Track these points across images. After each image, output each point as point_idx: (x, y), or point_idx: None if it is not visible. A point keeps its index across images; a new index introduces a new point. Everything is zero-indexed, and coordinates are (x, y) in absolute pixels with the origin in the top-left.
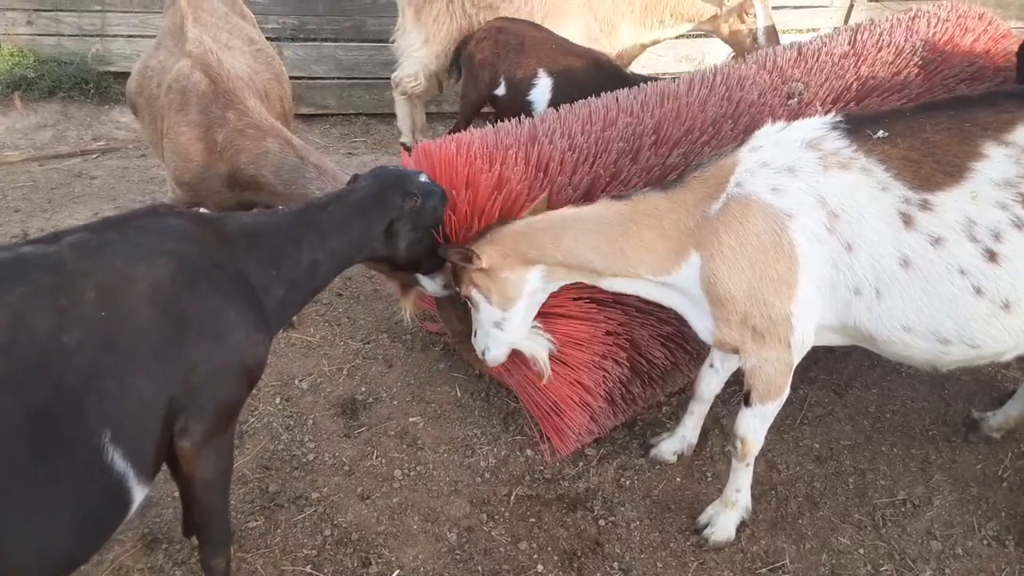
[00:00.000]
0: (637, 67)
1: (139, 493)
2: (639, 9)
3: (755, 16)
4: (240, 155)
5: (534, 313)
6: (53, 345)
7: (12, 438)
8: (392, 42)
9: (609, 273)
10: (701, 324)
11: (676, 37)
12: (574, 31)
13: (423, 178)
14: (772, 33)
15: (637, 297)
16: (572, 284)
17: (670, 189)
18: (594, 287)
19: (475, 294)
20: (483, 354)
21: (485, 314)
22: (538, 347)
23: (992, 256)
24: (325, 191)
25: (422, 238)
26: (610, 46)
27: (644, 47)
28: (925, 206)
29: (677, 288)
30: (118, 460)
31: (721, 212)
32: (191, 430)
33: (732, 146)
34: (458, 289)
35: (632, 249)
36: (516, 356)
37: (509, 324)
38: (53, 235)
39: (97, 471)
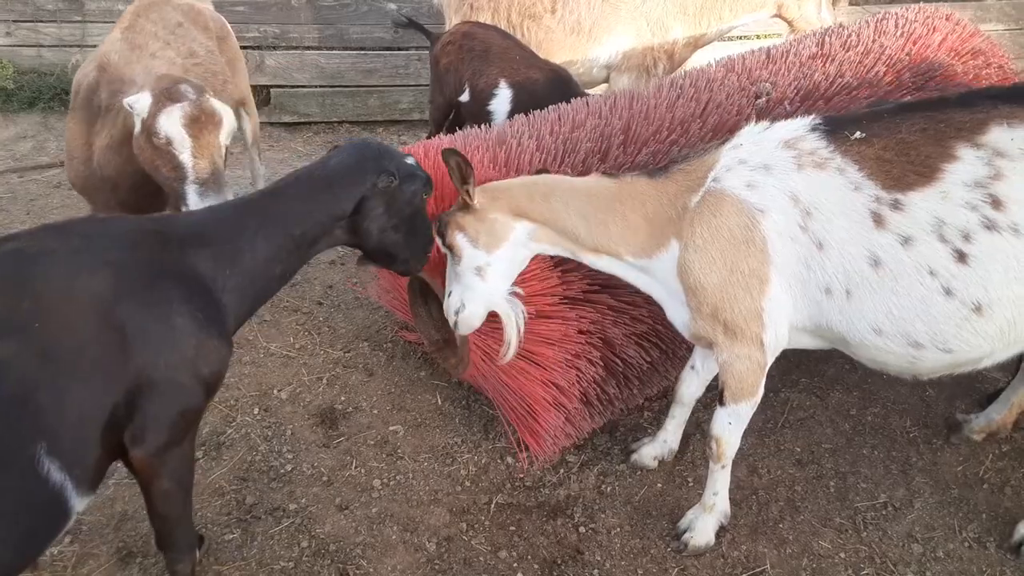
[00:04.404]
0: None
1: (79, 502)
2: (693, 10)
3: None
4: (117, 119)
5: (514, 275)
6: None
7: None
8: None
9: (591, 246)
10: (678, 316)
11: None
12: (625, 37)
13: (410, 160)
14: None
15: (613, 289)
16: (542, 283)
17: (656, 177)
18: (566, 284)
19: (460, 239)
20: (457, 314)
21: (468, 260)
22: (513, 312)
23: (962, 257)
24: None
25: (397, 226)
26: (662, 48)
27: (697, 47)
28: (896, 206)
29: (655, 275)
30: (54, 472)
31: (698, 205)
32: (146, 440)
33: (716, 143)
34: (441, 240)
35: (615, 226)
36: (488, 354)
37: (491, 271)
38: None
39: (31, 483)
